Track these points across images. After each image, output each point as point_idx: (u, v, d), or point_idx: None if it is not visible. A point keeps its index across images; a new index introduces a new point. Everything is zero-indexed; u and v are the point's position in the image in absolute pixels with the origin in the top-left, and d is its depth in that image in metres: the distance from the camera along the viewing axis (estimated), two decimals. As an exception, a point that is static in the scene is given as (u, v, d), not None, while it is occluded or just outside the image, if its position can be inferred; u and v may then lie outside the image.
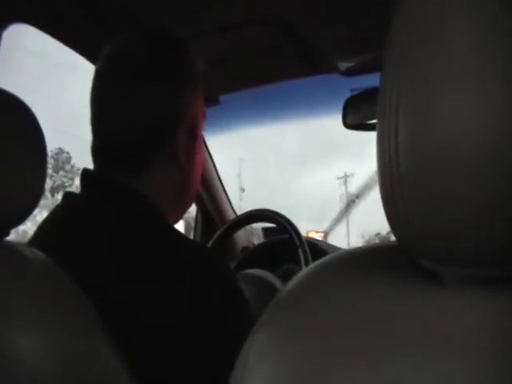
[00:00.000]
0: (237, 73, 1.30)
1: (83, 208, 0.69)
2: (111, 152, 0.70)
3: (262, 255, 1.48)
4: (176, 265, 0.63)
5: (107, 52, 0.72)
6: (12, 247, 0.55)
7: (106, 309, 0.56)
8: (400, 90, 0.30)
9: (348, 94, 1.14)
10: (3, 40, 0.82)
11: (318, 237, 1.96)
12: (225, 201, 1.67)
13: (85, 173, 0.71)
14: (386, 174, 0.32)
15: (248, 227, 1.60)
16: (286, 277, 1.37)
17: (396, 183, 0.31)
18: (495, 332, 0.30)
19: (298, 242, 1.23)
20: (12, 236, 0.57)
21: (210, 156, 1.58)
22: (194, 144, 0.74)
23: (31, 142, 0.55)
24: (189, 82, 0.72)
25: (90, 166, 0.73)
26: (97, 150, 0.71)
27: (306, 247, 1.21)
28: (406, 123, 0.30)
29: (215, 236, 1.41)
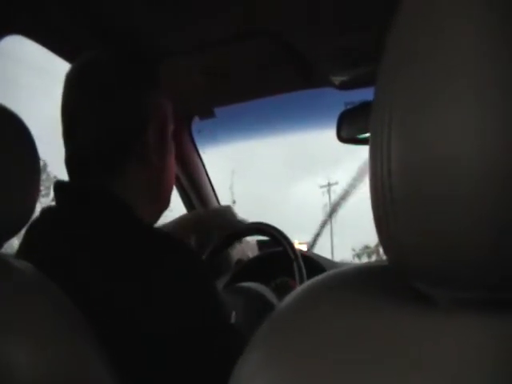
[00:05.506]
0: (232, 86, 1.30)
1: (60, 218, 0.71)
2: (83, 158, 0.73)
3: (255, 268, 1.47)
4: (144, 252, 0.66)
5: (75, 65, 0.76)
6: (5, 260, 0.55)
7: (90, 310, 0.57)
8: (392, 114, 0.30)
9: (342, 108, 1.14)
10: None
11: (302, 248, 1.96)
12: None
13: (57, 184, 0.74)
14: (378, 197, 0.32)
15: (243, 240, 1.60)
16: (279, 290, 1.36)
17: (389, 207, 0.31)
18: (489, 355, 0.30)
19: (292, 256, 1.23)
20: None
21: (205, 169, 1.58)
22: (164, 146, 0.78)
23: (24, 154, 0.55)
24: (152, 89, 0.77)
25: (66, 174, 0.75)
26: (69, 159, 0.74)
27: (301, 260, 1.21)
28: (399, 147, 0.29)
29: (210, 248, 1.40)
